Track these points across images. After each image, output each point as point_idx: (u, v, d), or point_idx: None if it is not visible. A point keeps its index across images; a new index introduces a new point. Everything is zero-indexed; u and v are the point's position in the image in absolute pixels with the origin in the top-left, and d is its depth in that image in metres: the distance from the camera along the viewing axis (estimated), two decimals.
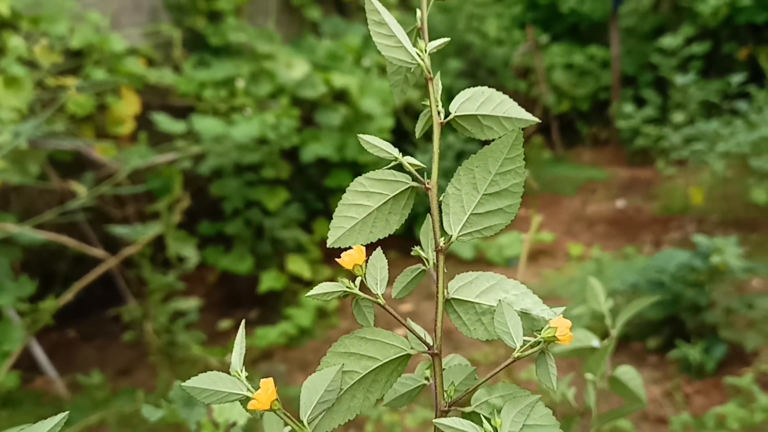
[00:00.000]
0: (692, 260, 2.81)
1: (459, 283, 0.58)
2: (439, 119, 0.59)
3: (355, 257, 0.57)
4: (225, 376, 0.54)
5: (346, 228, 0.58)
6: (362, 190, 0.59)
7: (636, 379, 0.93)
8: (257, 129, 3.34)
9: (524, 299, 0.56)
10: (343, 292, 0.57)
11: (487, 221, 0.57)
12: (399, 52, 0.58)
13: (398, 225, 0.59)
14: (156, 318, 2.48)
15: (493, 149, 0.56)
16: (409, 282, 0.61)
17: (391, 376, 0.58)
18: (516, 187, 0.56)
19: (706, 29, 5.10)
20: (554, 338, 0.53)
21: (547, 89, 5.64)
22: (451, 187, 0.57)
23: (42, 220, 2.42)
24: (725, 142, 3.81)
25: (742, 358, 2.68)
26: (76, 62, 3.22)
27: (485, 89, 0.59)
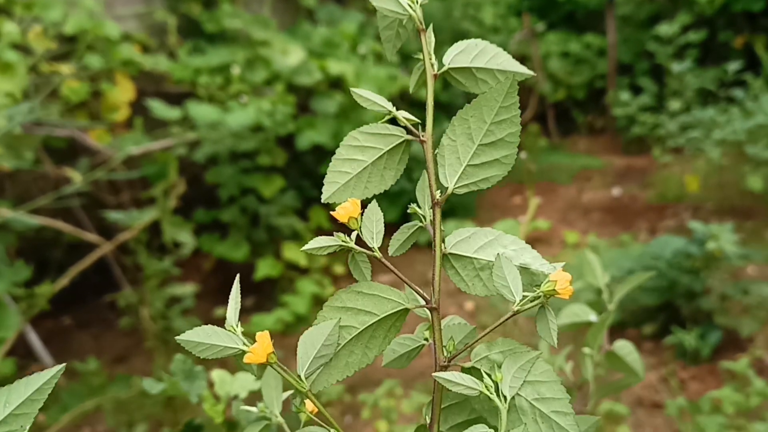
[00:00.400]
0: (688, 247, 2.81)
1: (456, 239, 0.57)
2: (432, 71, 0.58)
3: (350, 210, 0.57)
4: (220, 330, 0.53)
5: (340, 183, 0.58)
6: (356, 144, 0.58)
7: (633, 353, 0.94)
8: (253, 116, 3.33)
9: (523, 254, 0.55)
10: (339, 245, 0.56)
11: (483, 172, 0.56)
12: (390, 2, 0.57)
13: (393, 180, 0.58)
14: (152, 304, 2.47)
15: (488, 98, 0.55)
16: (406, 239, 0.60)
17: (389, 331, 0.57)
18: (512, 136, 0.55)
19: (702, 17, 5.09)
20: (554, 292, 0.52)
21: (543, 77, 5.63)
22: (446, 138, 0.56)
23: (37, 205, 2.41)
24: (721, 129, 3.82)
25: (737, 344, 2.69)
26: (70, 48, 3.20)
27: (479, 41, 0.58)
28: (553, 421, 0.51)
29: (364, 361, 0.56)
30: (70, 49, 3.18)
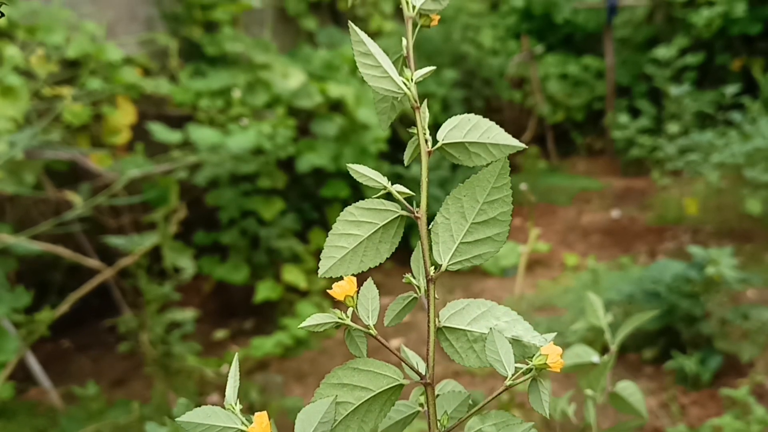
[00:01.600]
0: (687, 271, 2.82)
1: (450, 311, 0.59)
2: (426, 148, 0.59)
3: (346, 288, 0.58)
4: (219, 410, 0.54)
5: (337, 258, 0.59)
6: (352, 219, 0.59)
7: (636, 394, 0.94)
8: (253, 139, 3.34)
9: (515, 326, 0.57)
10: (336, 323, 0.57)
11: (476, 250, 0.57)
12: (385, 81, 0.58)
13: (389, 253, 0.60)
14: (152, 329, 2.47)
15: (480, 178, 0.56)
16: (402, 310, 0.61)
17: (384, 405, 0.58)
18: (504, 215, 0.56)
19: (700, 40, 5.13)
20: (545, 365, 0.53)
21: (542, 99, 5.66)
22: (440, 216, 0.58)
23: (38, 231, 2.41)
24: (720, 152, 3.83)
25: (737, 369, 2.68)
26: (72, 72, 3.22)
27: (472, 116, 0.60)
28: None
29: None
30: (72, 75, 3.20)
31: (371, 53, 0.58)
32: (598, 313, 1.02)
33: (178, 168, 3.23)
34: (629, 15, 5.78)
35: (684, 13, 5.24)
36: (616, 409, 0.97)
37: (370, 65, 0.58)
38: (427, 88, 4.56)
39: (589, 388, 0.94)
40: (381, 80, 0.58)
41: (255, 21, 4.38)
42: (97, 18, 3.56)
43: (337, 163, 3.66)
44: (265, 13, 4.44)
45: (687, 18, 5.16)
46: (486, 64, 5.22)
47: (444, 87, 4.71)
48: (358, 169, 0.59)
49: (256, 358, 3.10)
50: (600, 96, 5.75)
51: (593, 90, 5.78)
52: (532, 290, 3.61)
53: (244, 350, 3.15)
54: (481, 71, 5.23)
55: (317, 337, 3.32)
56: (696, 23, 5.02)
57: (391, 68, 0.59)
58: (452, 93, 4.80)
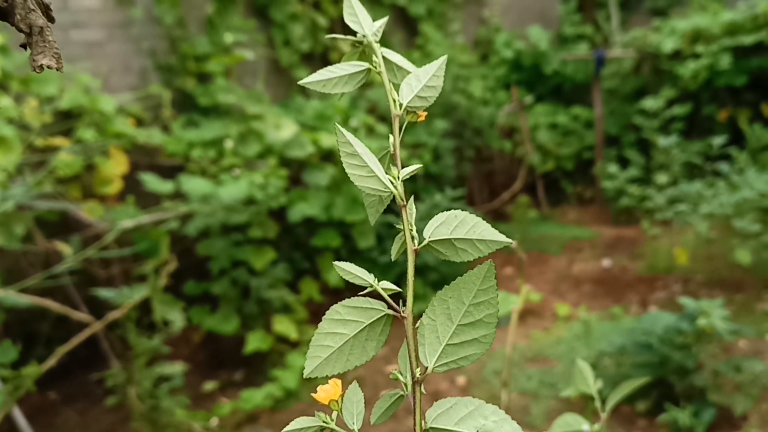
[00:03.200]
0: (679, 323, 2.82)
1: (437, 411, 0.58)
2: (413, 246, 0.59)
3: (330, 393, 0.57)
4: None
5: (323, 357, 0.58)
6: (338, 318, 0.59)
7: None
8: (245, 189, 3.35)
9: (503, 426, 0.56)
10: (320, 427, 0.57)
11: (462, 351, 0.57)
12: (372, 181, 0.59)
13: (375, 351, 0.59)
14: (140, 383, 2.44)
15: (466, 281, 0.56)
16: (388, 408, 0.60)
17: None
18: (490, 317, 0.56)
19: (687, 92, 5.22)
20: None
21: (532, 148, 5.71)
22: (426, 318, 0.57)
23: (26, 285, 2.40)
24: (708, 203, 3.86)
25: (731, 422, 2.66)
26: (65, 123, 3.24)
27: (458, 213, 0.60)
28: None
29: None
30: (66, 126, 3.21)
31: (357, 153, 0.59)
32: (588, 380, 1.02)
33: (169, 218, 3.22)
34: (617, 67, 5.88)
35: (670, 65, 5.34)
36: None
37: (356, 165, 0.59)
38: (418, 138, 4.60)
39: None
40: (367, 179, 0.59)
41: (248, 72, 4.43)
42: (91, 69, 3.60)
43: (328, 212, 3.67)
44: (258, 64, 4.49)
45: (674, 70, 5.26)
46: (476, 114, 5.28)
47: (435, 137, 4.76)
48: (345, 267, 0.59)
49: (246, 410, 3.05)
50: (589, 145, 5.81)
51: (582, 139, 5.85)
52: (525, 341, 3.59)
53: (233, 403, 3.11)
54: (471, 121, 5.29)
55: (308, 388, 3.28)
56: (682, 75, 5.11)
57: (377, 167, 0.59)
58: (443, 142, 4.84)
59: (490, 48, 6.21)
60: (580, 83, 6.01)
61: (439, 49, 5.42)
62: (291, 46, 4.58)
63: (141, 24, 3.90)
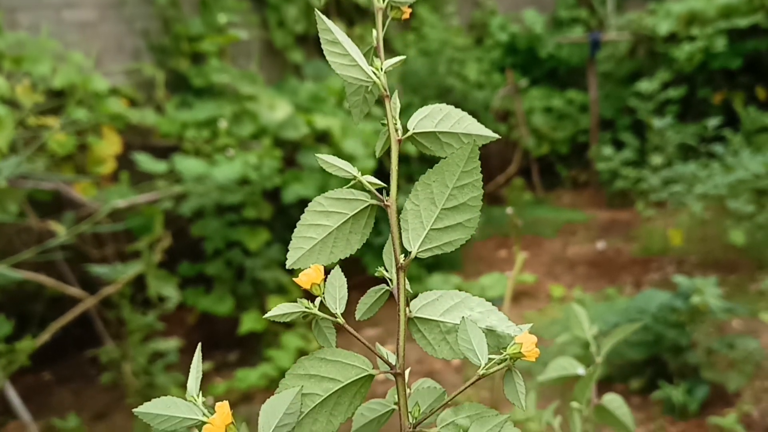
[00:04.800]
0: (673, 301, 2.82)
1: (422, 302, 0.57)
2: (396, 136, 0.58)
3: (312, 276, 0.56)
4: (180, 401, 0.52)
5: (305, 249, 0.57)
6: (321, 209, 0.58)
7: (623, 407, 0.93)
8: (239, 169, 3.34)
9: (489, 316, 0.55)
10: (302, 312, 0.56)
11: (446, 236, 0.55)
12: (354, 70, 0.57)
13: (359, 244, 0.58)
14: (134, 359, 2.43)
15: (449, 163, 0.55)
16: (373, 303, 0.59)
17: (354, 398, 0.56)
18: (474, 200, 0.55)
19: (682, 74, 5.21)
20: (520, 354, 0.51)
21: (527, 132, 5.70)
22: (409, 203, 0.56)
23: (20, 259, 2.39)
24: (703, 184, 3.87)
25: (724, 399, 2.67)
26: (58, 102, 3.22)
27: (444, 106, 0.58)
28: None
29: (329, 429, 0.55)
30: (58, 105, 3.19)
31: (339, 41, 0.57)
32: (584, 325, 1.02)
33: (163, 198, 3.21)
34: (612, 50, 5.86)
35: (666, 47, 5.33)
36: (602, 422, 0.96)
37: (338, 53, 0.57)
38: None
39: (575, 401, 0.93)
40: (349, 69, 0.57)
41: (242, 53, 4.41)
42: (84, 49, 3.57)
43: (322, 193, 3.66)
44: (252, 46, 4.47)
45: (669, 53, 5.25)
46: (471, 97, 5.27)
47: None
48: (327, 159, 0.58)
49: (241, 390, 3.05)
50: (584, 129, 5.81)
51: (577, 123, 5.84)
52: (519, 322, 3.59)
53: (228, 382, 3.11)
54: (466, 104, 5.27)
55: None
56: (678, 58, 5.10)
57: (360, 57, 0.58)
58: None
59: (485, 31, 6.19)
60: (575, 67, 5.99)
61: (434, 32, 5.40)
62: (285, 27, 4.56)
63: (134, 4, 3.88)
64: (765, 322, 3.18)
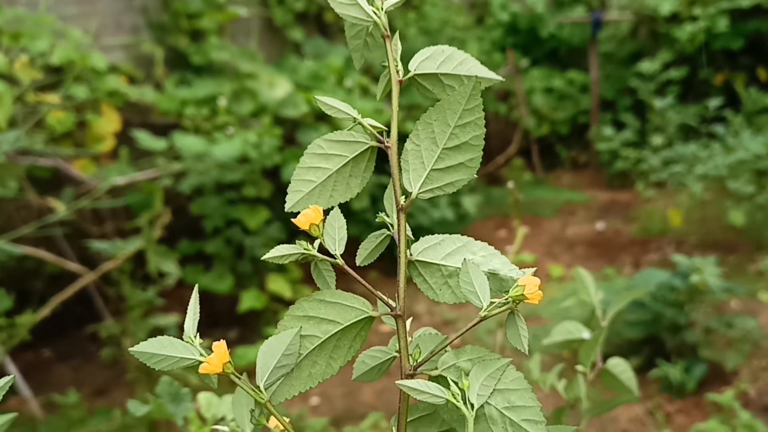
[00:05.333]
0: (672, 280, 2.83)
1: (424, 245, 0.56)
2: (397, 77, 0.56)
3: (311, 217, 0.55)
4: (177, 341, 0.51)
5: (304, 192, 0.56)
6: (320, 152, 0.57)
7: (627, 371, 0.93)
8: (239, 148, 3.33)
9: (492, 260, 0.54)
10: (301, 254, 0.55)
11: (448, 177, 0.54)
12: (354, 9, 0.56)
13: (359, 188, 0.57)
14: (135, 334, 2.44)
15: (451, 101, 0.53)
16: (374, 248, 0.58)
17: (354, 341, 0.55)
18: (476, 139, 0.53)
19: (683, 55, 5.18)
20: (523, 296, 0.51)
21: (527, 112, 5.68)
22: (410, 143, 0.55)
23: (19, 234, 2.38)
24: (703, 164, 3.86)
25: (722, 378, 2.69)
26: (56, 78, 3.20)
27: (446, 47, 0.57)
28: (524, 430, 0.50)
29: (329, 372, 0.55)
30: (56, 80, 3.18)
31: None
32: (590, 289, 1.02)
33: (162, 176, 3.21)
34: (613, 30, 5.83)
35: (667, 28, 5.29)
36: (607, 386, 0.96)
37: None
38: (413, 100, 4.57)
39: (579, 364, 0.94)
40: (349, 7, 0.56)
41: (241, 31, 4.38)
42: (82, 25, 3.55)
43: None
44: (252, 23, 4.44)
45: (670, 33, 5.22)
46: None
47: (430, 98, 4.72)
48: (327, 101, 0.56)
49: (241, 366, 3.06)
50: (585, 110, 5.79)
51: (578, 104, 5.82)
52: None
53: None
54: None
55: None
56: (679, 38, 5.07)
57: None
58: None
59: (486, 10, 6.15)
60: (577, 47, 5.96)
61: (435, 11, 5.37)
62: (285, 4, 4.52)
63: None
64: (763, 302, 3.19)
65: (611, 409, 0.98)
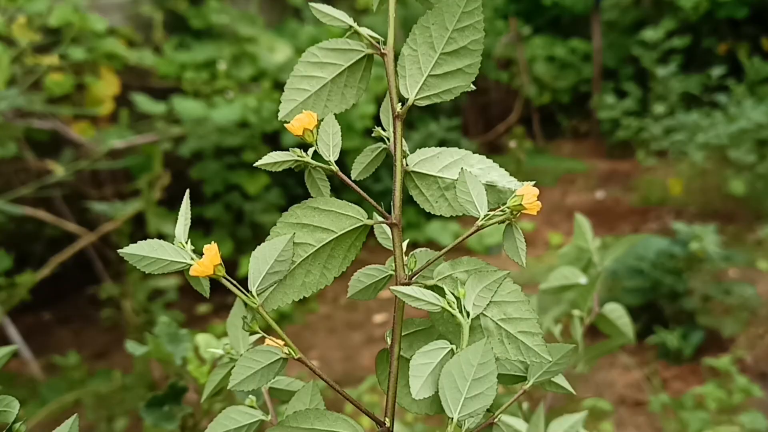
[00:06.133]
0: (671, 247, 2.83)
1: (421, 157, 0.55)
2: None
3: (305, 122, 0.53)
4: (167, 244, 0.50)
5: (298, 101, 0.55)
6: (315, 60, 0.55)
7: (624, 317, 0.93)
8: (238, 112, 3.31)
9: (490, 172, 0.53)
10: (295, 161, 0.54)
11: (446, 83, 0.53)
12: None
13: (355, 99, 0.56)
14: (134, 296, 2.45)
15: (449, 3, 0.51)
16: (370, 162, 0.57)
17: (348, 251, 0.54)
18: (475, 44, 0.52)
19: (687, 23, 5.13)
20: (521, 207, 0.50)
21: (529, 81, 5.65)
22: (407, 48, 0.53)
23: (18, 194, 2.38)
24: (705, 133, 3.85)
25: (719, 344, 2.70)
26: (54, 38, 3.17)
27: None
28: (520, 341, 0.49)
29: (323, 282, 0.54)
30: (54, 40, 3.15)
31: None
32: (587, 235, 1.01)
33: (161, 139, 3.19)
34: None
35: None
36: (603, 331, 0.96)
37: None
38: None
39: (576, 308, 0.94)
40: None
41: None
42: None
43: None
44: None
45: (674, 1, 5.16)
46: None
47: None
48: (321, 8, 0.55)
49: None
50: (586, 79, 5.74)
51: (580, 73, 5.77)
52: (516, 267, 3.60)
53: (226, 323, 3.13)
54: None
55: (301, 311, 3.31)
56: (683, 6, 5.02)
57: None
58: None
59: None
60: (579, 15, 5.89)
61: None
62: None
63: None
64: (762, 271, 3.20)
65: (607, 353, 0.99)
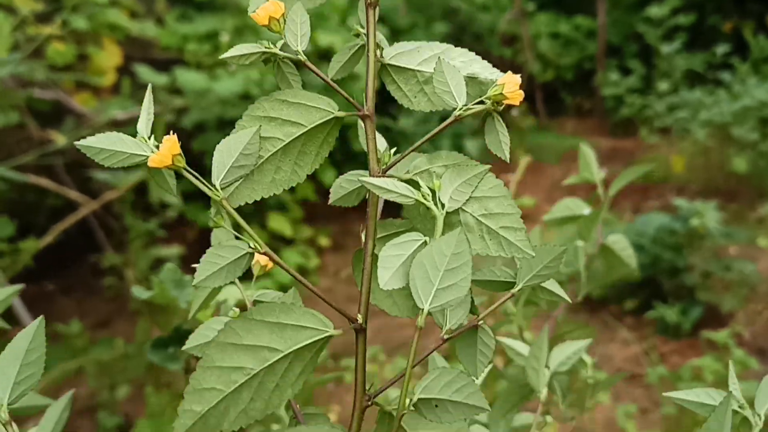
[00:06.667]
0: (672, 223, 2.83)
1: (398, 50, 0.53)
2: None
3: (271, 10, 0.51)
4: (128, 137, 0.48)
5: None
6: None
7: (627, 249, 0.93)
8: (241, 84, 3.30)
9: (472, 65, 0.51)
10: (262, 52, 0.51)
11: None
12: None
13: None
14: (136, 265, 2.46)
15: None
16: (348, 60, 0.55)
17: (321, 147, 0.52)
18: None
19: (692, 1, 5.10)
20: (502, 96, 0.47)
21: (533, 57, 5.62)
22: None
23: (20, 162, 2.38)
24: (708, 110, 3.84)
25: (718, 320, 2.71)
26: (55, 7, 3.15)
27: None
28: (502, 237, 0.47)
29: (294, 179, 0.52)
30: (56, 7, 3.13)
31: None
32: (592, 167, 1.01)
33: (164, 111, 3.19)
34: None
35: None
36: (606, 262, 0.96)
37: None
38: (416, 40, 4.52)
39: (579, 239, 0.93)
40: None
41: None
42: None
43: None
44: None
45: None
46: (477, 19, 5.17)
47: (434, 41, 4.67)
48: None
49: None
50: (590, 56, 5.71)
51: (584, 50, 5.74)
52: None
53: None
54: (472, 26, 5.19)
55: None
56: None
57: None
58: None
59: None
60: None
61: None
62: None
63: None
64: (762, 249, 3.20)
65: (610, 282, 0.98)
